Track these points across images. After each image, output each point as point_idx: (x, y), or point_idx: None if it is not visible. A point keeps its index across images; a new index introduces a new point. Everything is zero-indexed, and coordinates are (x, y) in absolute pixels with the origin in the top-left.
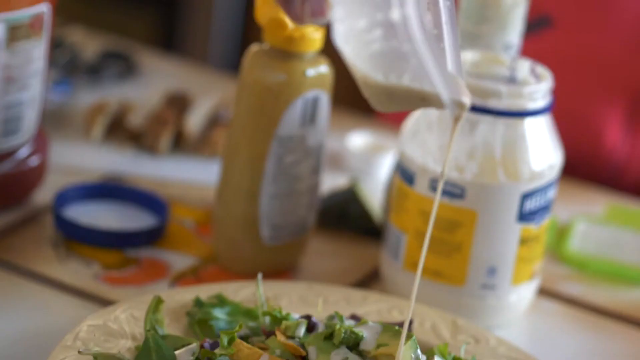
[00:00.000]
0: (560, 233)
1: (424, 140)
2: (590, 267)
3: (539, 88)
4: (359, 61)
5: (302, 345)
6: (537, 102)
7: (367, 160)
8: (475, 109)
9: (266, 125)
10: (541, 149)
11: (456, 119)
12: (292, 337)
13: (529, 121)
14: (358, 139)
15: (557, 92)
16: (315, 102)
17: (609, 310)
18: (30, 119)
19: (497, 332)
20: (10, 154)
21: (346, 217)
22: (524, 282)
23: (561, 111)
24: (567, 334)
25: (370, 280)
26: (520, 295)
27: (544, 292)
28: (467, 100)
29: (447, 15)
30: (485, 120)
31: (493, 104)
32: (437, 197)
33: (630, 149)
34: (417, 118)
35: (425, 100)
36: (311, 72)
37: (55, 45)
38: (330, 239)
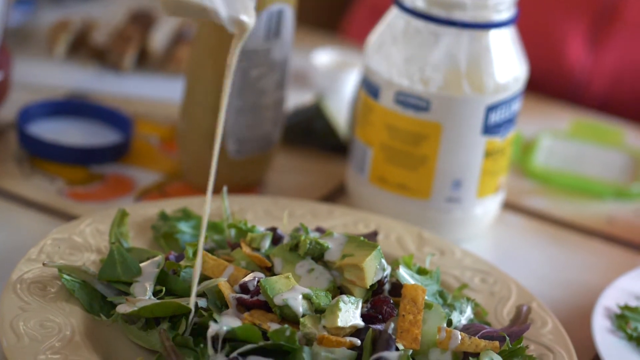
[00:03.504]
0: (525, 148)
1: (388, 53)
2: (554, 182)
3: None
4: None
5: (268, 257)
6: (502, 14)
7: (332, 77)
8: (439, 20)
9: (231, 39)
10: (506, 61)
11: (236, 38)
12: (257, 250)
13: (493, 33)
14: (323, 57)
15: (520, 8)
16: (279, 15)
17: (572, 224)
18: None
19: (463, 245)
20: None
21: (311, 133)
22: (489, 195)
23: (523, 27)
24: (532, 247)
25: (335, 195)
26: (486, 209)
27: (509, 206)
28: (247, 19)
29: None
30: (450, 33)
31: (457, 15)
32: None
33: (592, 64)
34: (381, 32)
35: (205, 12)
36: None
37: None
38: (296, 155)
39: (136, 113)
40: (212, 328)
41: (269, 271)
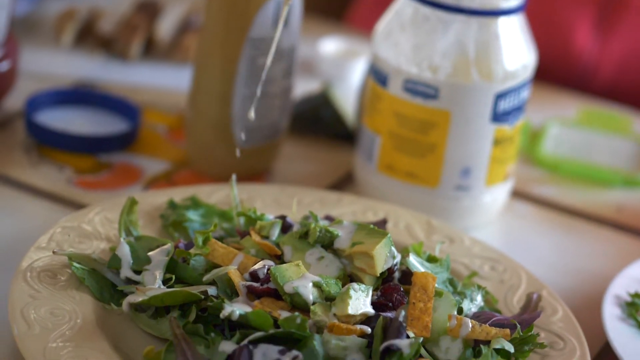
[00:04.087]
0: (534, 136)
1: (397, 41)
2: (563, 170)
3: None
4: None
5: (277, 245)
6: (511, 1)
7: (339, 66)
8: (447, 7)
9: (239, 27)
10: (515, 48)
11: (285, 3)
12: (267, 237)
13: (502, 20)
14: (330, 45)
15: None
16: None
17: (581, 211)
18: None
19: (472, 233)
20: None
21: (319, 121)
22: (497, 183)
23: (531, 14)
24: (541, 235)
25: (343, 184)
26: (494, 197)
27: (518, 194)
28: None
29: None
30: (459, 20)
31: (466, 3)
32: None
33: (599, 51)
34: (389, 19)
35: None
36: None
37: None
38: (304, 143)
39: (143, 102)
40: (226, 309)
41: (279, 259)
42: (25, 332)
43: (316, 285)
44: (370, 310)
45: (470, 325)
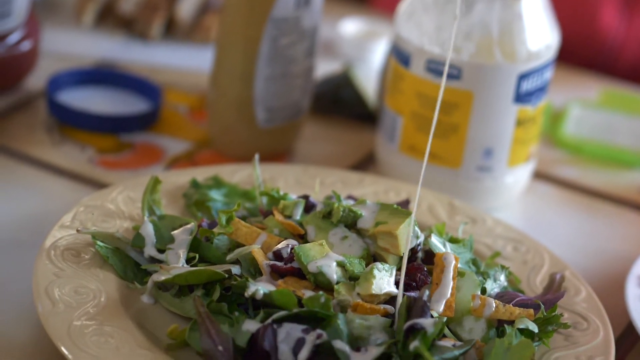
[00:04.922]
0: (555, 118)
1: (420, 21)
2: (584, 151)
3: None
4: None
5: (301, 225)
6: None
7: (361, 47)
8: None
9: (261, 7)
10: (538, 29)
11: None
12: (290, 217)
13: (526, 0)
14: (351, 26)
15: None
16: None
17: (602, 193)
18: (21, 3)
19: (494, 214)
20: (1, 38)
21: (340, 102)
22: (520, 164)
23: None
24: (562, 216)
25: (364, 164)
26: (516, 177)
27: (540, 175)
28: None
29: None
30: (482, 0)
31: None
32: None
33: (625, 30)
34: (412, 0)
35: None
36: None
37: None
38: (325, 124)
39: (164, 82)
40: (250, 288)
41: (302, 239)
42: (50, 310)
43: (340, 264)
44: (394, 289)
45: (494, 305)
